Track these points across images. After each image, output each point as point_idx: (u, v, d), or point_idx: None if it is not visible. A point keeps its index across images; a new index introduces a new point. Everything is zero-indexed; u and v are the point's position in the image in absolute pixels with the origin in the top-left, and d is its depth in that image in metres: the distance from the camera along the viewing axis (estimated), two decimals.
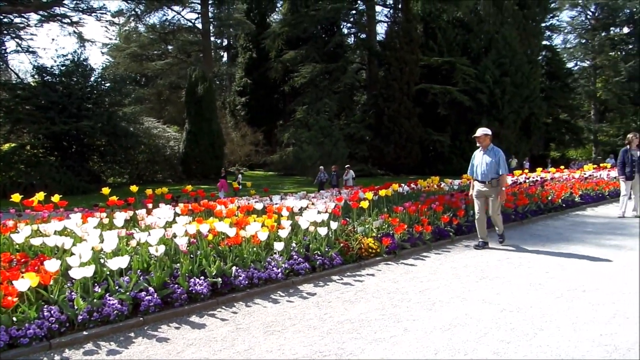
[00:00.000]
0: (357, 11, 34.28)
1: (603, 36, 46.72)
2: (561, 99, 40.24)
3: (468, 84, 30.25)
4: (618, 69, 45.24)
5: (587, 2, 47.05)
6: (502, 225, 6.63)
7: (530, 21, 34.64)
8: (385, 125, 29.10)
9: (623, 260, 5.70)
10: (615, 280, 4.85)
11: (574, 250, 6.32)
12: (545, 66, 39.75)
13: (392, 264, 5.67)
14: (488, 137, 6.56)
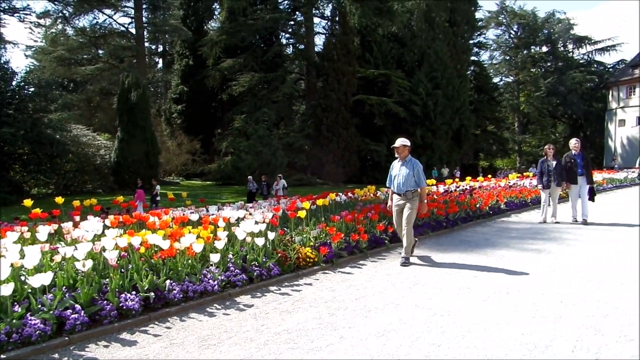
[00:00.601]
0: (295, 22, 34.61)
1: (525, 54, 50.21)
2: (488, 112, 42.63)
3: (403, 96, 31.37)
4: (538, 85, 48.70)
5: (510, 22, 50.42)
6: (411, 239, 6.22)
7: (460, 38, 36.54)
8: (324, 134, 29.46)
9: (543, 263, 6.10)
10: (535, 282, 5.18)
11: (500, 254, 6.69)
12: (474, 80, 42.00)
13: (330, 273, 5.74)
14: (407, 148, 6.35)
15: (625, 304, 4.35)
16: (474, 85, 41.85)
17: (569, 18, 50.62)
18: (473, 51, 43.10)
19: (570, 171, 9.45)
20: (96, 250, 4.43)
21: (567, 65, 49.86)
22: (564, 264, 5.98)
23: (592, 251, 6.76)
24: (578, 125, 51.12)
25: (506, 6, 50.12)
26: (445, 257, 6.54)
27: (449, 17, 35.61)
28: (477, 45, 45.48)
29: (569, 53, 52.45)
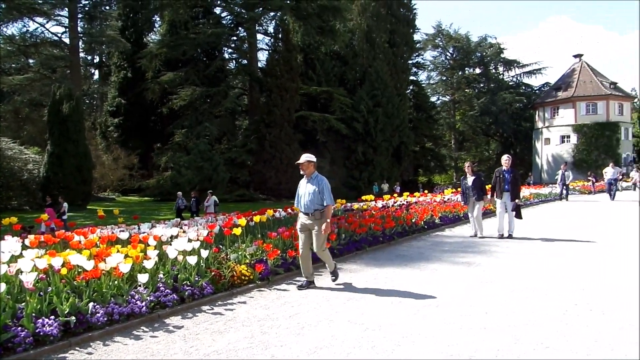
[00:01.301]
0: (238, 38, 34.56)
1: (460, 75, 52.85)
2: (427, 129, 44.30)
3: (345, 113, 31.98)
4: (472, 104, 51.32)
5: (446, 45, 52.99)
6: (331, 260, 5.96)
7: (399, 58, 37.91)
8: (267, 150, 29.40)
9: (472, 275, 6.35)
10: (464, 294, 5.38)
11: (432, 268, 6.90)
12: (413, 99, 43.60)
13: (265, 290, 5.68)
14: (312, 164, 5.86)
15: (545, 312, 4.60)
16: (413, 104, 43.44)
17: (499, 43, 53.91)
18: (412, 71, 44.85)
19: (497, 186, 9.67)
20: (11, 273, 4.14)
21: (498, 87, 52.90)
22: (492, 276, 6.26)
23: (518, 263, 7.12)
24: (509, 143, 54.16)
25: (442, 29, 52.70)
26: (381, 272, 6.66)
27: (389, 38, 36.92)
28: (416, 66, 47.36)
29: (499, 75, 55.71)
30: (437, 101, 53.72)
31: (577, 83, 47.45)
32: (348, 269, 6.92)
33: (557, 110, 47.95)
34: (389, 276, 6.39)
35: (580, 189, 29.05)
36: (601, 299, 5.06)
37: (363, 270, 6.83)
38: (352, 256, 7.78)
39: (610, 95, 46.10)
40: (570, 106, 46.70)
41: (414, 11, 41.32)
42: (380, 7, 35.80)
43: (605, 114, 45.56)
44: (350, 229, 8.33)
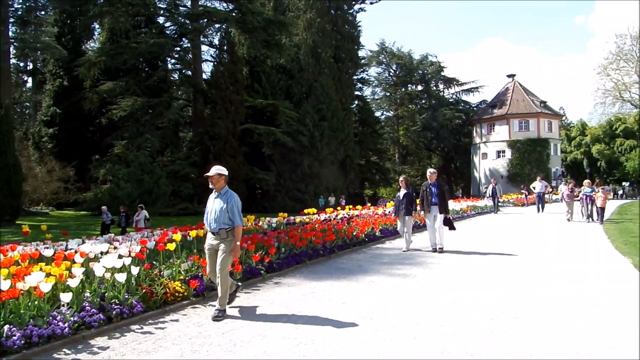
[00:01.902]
0: (182, 48, 33.98)
1: (403, 91, 54.59)
2: (371, 144, 45.26)
3: (291, 126, 32.09)
4: (415, 120, 53.05)
5: (390, 62, 54.63)
6: (226, 289, 5.15)
7: (344, 73, 38.65)
8: (211, 163, 28.66)
9: (407, 287, 6.51)
10: (398, 306, 5.50)
11: (370, 280, 7.02)
12: (358, 114, 44.48)
13: (200, 307, 5.56)
14: (222, 178, 5.43)
15: (473, 321, 4.79)
16: (358, 118, 44.31)
17: (439, 61, 56.25)
18: (357, 86, 45.83)
19: (425, 200, 9.67)
20: None
21: (439, 103, 55.08)
22: (426, 288, 6.44)
23: (451, 275, 7.37)
24: (449, 157, 56.34)
25: (386, 47, 54.33)
26: (319, 285, 6.69)
27: (334, 54, 37.60)
28: (361, 81, 48.45)
29: (440, 92, 58.05)
30: (381, 116, 55.20)
31: (511, 101, 50.27)
32: (286, 283, 6.91)
33: (493, 127, 50.50)
34: (326, 289, 6.43)
35: (514, 201, 30.62)
36: (524, 307, 5.34)
37: (301, 284, 6.84)
38: (292, 270, 7.77)
39: (541, 113, 49.16)
40: (504, 123, 49.33)
41: (358, 28, 42.39)
42: (326, 24, 36.43)
43: (537, 131, 48.48)
44: (290, 242, 8.33)
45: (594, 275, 7.08)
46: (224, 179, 5.47)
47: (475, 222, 18.21)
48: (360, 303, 5.65)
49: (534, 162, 47.48)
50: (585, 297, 5.72)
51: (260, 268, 6.97)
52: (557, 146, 51.34)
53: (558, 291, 6.07)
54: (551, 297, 5.75)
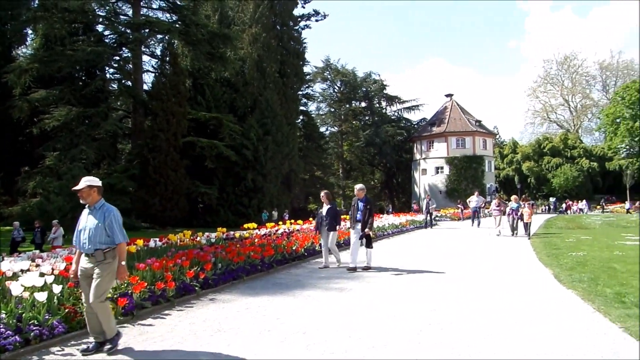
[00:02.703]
0: (122, 58, 32.94)
1: (347, 107, 55.65)
2: (316, 158, 45.70)
3: (234, 140, 31.78)
4: (358, 136, 54.14)
5: (334, 78, 55.62)
6: (111, 321, 4.52)
7: (289, 88, 38.92)
8: (151, 176, 28.05)
9: (343, 301, 6.61)
10: (333, 319, 5.57)
11: (307, 294, 7.06)
12: (303, 129, 44.83)
13: (128, 326, 5.36)
14: (94, 190, 4.59)
15: (403, 332, 4.94)
16: (302, 133, 44.66)
17: (382, 79, 57.98)
18: (302, 101, 46.28)
19: (352, 215, 9.39)
20: None
21: (381, 120, 56.58)
22: (361, 301, 6.57)
23: (386, 288, 7.55)
24: (392, 172, 57.83)
25: (331, 64, 55.31)
26: (255, 301, 6.65)
27: (280, 69, 37.83)
28: (306, 97, 48.97)
29: (383, 109, 59.68)
30: (326, 131, 55.92)
31: (449, 120, 52.54)
32: (222, 299, 6.81)
33: (432, 144, 52.47)
34: (262, 305, 6.40)
35: (451, 215, 31.81)
36: (451, 318, 5.58)
37: (237, 300, 6.77)
38: (228, 286, 7.67)
39: (476, 131, 51.68)
40: (443, 140, 51.41)
41: (304, 45, 42.99)
42: (271, 39, 36.63)
43: (472, 148, 50.85)
44: (227, 258, 8.23)
45: (517, 286, 7.50)
46: (95, 190, 4.58)
47: (411, 236, 18.76)
48: (295, 318, 5.67)
49: (470, 178, 49.67)
50: (506, 306, 6.05)
51: (194, 284, 6.84)
52: (491, 163, 54.04)
53: (483, 302, 6.38)
54: (476, 308, 6.03)
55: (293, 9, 41.83)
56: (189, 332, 5.16)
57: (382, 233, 17.09)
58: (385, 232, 17.59)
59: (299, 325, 5.35)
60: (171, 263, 6.98)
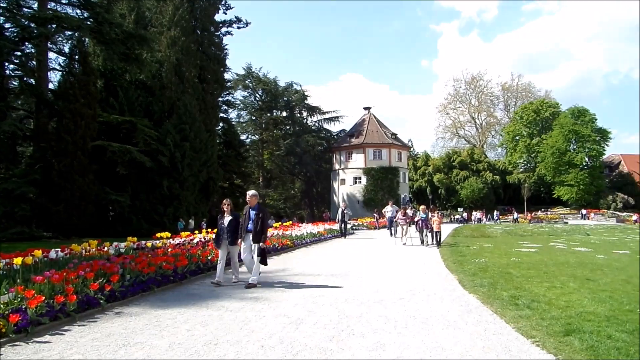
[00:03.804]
0: (24, 54, 30.41)
1: (268, 116, 55.62)
2: (235, 166, 45.05)
3: (149, 145, 30.49)
4: (279, 145, 54.28)
5: (255, 87, 55.41)
6: None
7: (209, 94, 38.13)
8: (55, 181, 26.07)
9: (258, 310, 6.56)
10: (245, 329, 5.51)
11: (220, 305, 6.92)
12: (222, 136, 44.05)
13: (21, 345, 4.93)
14: None
15: (316, 341, 5.01)
16: (222, 141, 43.87)
17: (303, 90, 58.68)
18: (222, 108, 45.50)
19: (242, 225, 8.65)
20: None
21: (302, 130, 57.20)
22: (276, 310, 6.57)
23: (304, 296, 7.62)
24: (312, 182, 58.52)
25: (252, 72, 55.07)
26: (165, 314, 6.41)
27: (199, 74, 36.95)
28: (226, 104, 48.23)
29: (304, 119, 60.38)
30: (246, 139, 55.37)
31: (367, 132, 54.34)
32: (129, 312, 6.48)
33: (351, 155, 53.92)
34: (173, 317, 6.18)
35: (368, 224, 32.81)
36: (358, 324, 5.76)
37: (146, 313, 6.48)
38: (137, 298, 7.32)
39: (392, 144, 53.92)
40: (361, 151, 53.03)
41: (225, 51, 42.41)
42: (191, 43, 35.72)
43: (388, 160, 52.95)
44: (137, 268, 7.86)
45: (425, 292, 7.91)
46: None
47: (328, 245, 19.09)
48: (207, 329, 5.55)
49: (386, 188, 51.61)
50: (413, 312, 6.36)
51: (99, 297, 6.45)
52: (405, 174, 56.58)
53: (392, 308, 6.65)
54: (384, 314, 6.28)
55: (214, 14, 41.17)
56: (90, 348, 4.85)
57: (300, 242, 17.32)
58: (303, 240, 17.82)
59: (211, 336, 5.24)
60: (73, 275, 6.53)
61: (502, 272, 9.93)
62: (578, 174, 60.43)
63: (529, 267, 10.74)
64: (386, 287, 8.44)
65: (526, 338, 5.04)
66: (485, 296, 7.34)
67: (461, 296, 7.53)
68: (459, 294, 7.70)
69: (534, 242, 19.72)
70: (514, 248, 16.42)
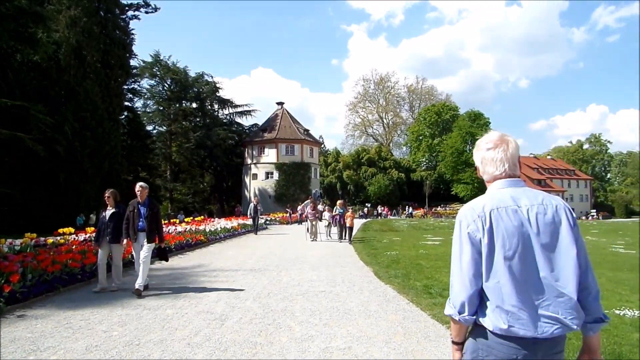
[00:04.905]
0: None
1: (177, 107, 53.36)
2: (141, 158, 42.79)
3: (44, 133, 27.89)
4: (189, 137, 52.39)
5: (164, 75, 52.87)
6: None
7: (113, 81, 35.76)
8: None
9: (178, 307, 6.34)
10: (166, 327, 5.31)
11: (137, 303, 6.59)
12: (127, 126, 41.58)
13: None
14: None
15: (242, 336, 4.97)
16: (127, 131, 41.39)
17: (215, 81, 57.10)
18: (127, 97, 42.89)
19: (131, 224, 7.38)
20: None
21: (213, 122, 55.68)
22: (198, 307, 6.39)
23: (224, 292, 7.49)
24: (222, 176, 57.28)
25: (161, 60, 52.43)
26: (77, 314, 5.97)
27: (102, 59, 34.47)
28: (132, 92, 45.58)
29: (215, 112, 58.81)
30: (153, 130, 52.66)
31: (279, 127, 54.36)
32: (34, 315, 5.96)
33: (263, 149, 53.61)
34: (85, 318, 5.79)
35: (280, 219, 32.93)
36: (285, 319, 5.81)
37: (54, 314, 5.99)
38: (42, 299, 6.74)
39: (305, 140, 54.46)
40: (273, 146, 52.95)
41: (131, 36, 39.95)
42: (93, 25, 33.16)
43: (301, 156, 53.43)
44: (40, 267, 7.22)
45: (344, 284, 8.16)
46: None
47: (242, 240, 18.91)
48: (127, 329, 5.27)
49: (297, 183, 52.05)
50: (335, 304, 6.54)
51: None
52: (317, 170, 57.48)
53: (312, 301, 6.79)
54: (306, 307, 6.39)
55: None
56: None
57: (214, 237, 17.03)
58: (218, 235, 17.56)
59: (132, 336, 4.99)
60: None
61: (413, 263, 10.53)
62: (473, 173, 65.49)
63: (436, 258, 11.49)
64: (307, 280, 8.57)
65: (441, 324, 5.41)
66: (401, 286, 7.74)
67: (379, 287, 7.87)
68: (377, 285, 8.04)
69: (437, 236, 21.10)
70: (420, 241, 17.44)
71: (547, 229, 1.81)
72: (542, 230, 1.80)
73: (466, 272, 1.84)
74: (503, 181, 1.94)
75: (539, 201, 1.86)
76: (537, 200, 1.87)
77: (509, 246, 1.78)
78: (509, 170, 1.95)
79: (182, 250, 13.32)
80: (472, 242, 1.83)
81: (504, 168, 1.94)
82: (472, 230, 1.83)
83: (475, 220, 1.83)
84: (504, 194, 1.90)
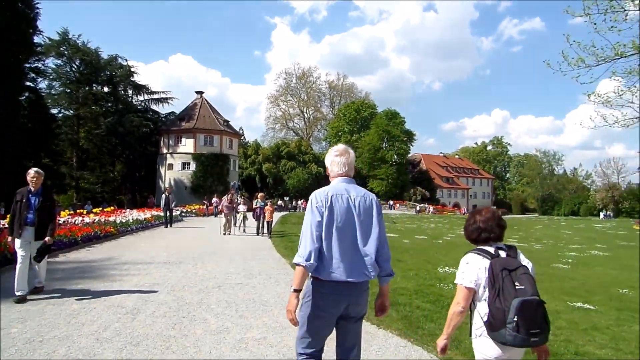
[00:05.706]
0: None
1: (86, 90, 49.84)
2: (44, 144, 39.57)
3: None
4: (99, 123, 49.31)
5: (72, 55, 49.13)
6: None
7: (13, 58, 32.68)
8: None
9: (86, 302, 6.08)
10: (74, 321, 5.10)
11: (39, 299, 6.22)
12: (29, 108, 38.22)
13: None
14: None
15: (155, 329, 4.91)
16: (28, 113, 38.02)
17: (130, 65, 54.09)
18: (29, 76, 39.31)
19: (17, 216, 6.31)
20: None
21: (126, 109, 52.75)
22: (107, 301, 6.18)
23: (136, 285, 7.28)
24: (135, 165, 54.55)
25: (69, 38, 48.68)
26: None
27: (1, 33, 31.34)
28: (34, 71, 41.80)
29: (128, 97, 55.76)
30: (58, 114, 48.74)
31: (198, 116, 52.85)
32: None
33: (180, 139, 51.86)
34: None
35: (196, 211, 32.18)
36: (200, 311, 5.81)
37: None
38: None
39: (224, 131, 53.44)
40: (191, 136, 51.39)
41: (36, 10, 36.61)
42: None
43: (219, 147, 52.38)
44: None
45: (263, 276, 8.25)
46: None
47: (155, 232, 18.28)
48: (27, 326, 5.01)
49: (215, 175, 51.01)
50: (252, 291, 6.63)
51: None
52: (236, 162, 56.69)
53: (232, 290, 6.83)
54: (225, 297, 6.42)
55: None
56: None
57: (125, 229, 16.27)
58: (129, 227, 16.79)
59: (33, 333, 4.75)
60: None
61: None
62: (388, 169, 68.31)
63: None
64: (223, 273, 8.55)
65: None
66: None
67: None
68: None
69: None
70: None
71: (364, 213, 2.76)
72: (361, 213, 2.75)
73: (313, 232, 2.66)
74: (342, 178, 2.87)
75: (362, 194, 2.82)
76: (361, 193, 2.82)
77: (340, 220, 2.69)
78: (347, 171, 2.89)
79: (90, 242, 12.63)
80: (319, 213, 2.69)
81: (344, 170, 2.88)
82: (318, 206, 2.71)
83: (321, 200, 2.72)
84: (341, 186, 2.82)
